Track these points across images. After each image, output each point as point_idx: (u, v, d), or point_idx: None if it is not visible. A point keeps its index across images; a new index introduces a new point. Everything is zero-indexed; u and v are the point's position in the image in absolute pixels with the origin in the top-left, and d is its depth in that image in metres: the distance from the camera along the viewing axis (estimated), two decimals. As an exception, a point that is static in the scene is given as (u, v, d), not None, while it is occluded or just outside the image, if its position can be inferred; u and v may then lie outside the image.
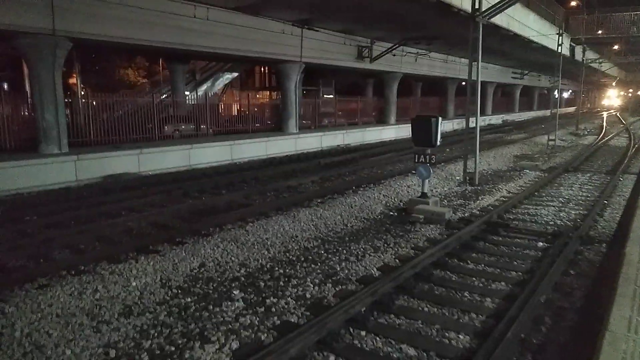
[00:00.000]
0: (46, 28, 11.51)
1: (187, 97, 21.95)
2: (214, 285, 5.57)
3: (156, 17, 13.51)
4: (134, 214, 8.81)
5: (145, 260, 6.21)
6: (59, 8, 11.61)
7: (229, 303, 5.08)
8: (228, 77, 29.27)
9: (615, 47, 42.33)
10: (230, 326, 4.56)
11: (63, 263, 6.21)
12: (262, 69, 37.12)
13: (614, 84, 69.16)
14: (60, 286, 5.42)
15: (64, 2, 11.66)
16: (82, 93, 19.59)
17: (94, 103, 15.08)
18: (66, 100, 13.69)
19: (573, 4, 33.65)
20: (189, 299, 5.19)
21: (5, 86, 22.33)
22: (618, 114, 55.16)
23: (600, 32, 34.06)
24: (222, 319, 4.73)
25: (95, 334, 4.42)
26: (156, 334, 4.42)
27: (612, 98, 78.77)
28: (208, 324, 4.62)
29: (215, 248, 6.81)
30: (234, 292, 5.37)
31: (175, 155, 14.54)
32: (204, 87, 26.86)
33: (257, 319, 4.71)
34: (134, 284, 5.55)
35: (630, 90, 77.24)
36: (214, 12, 15.00)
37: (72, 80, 23.27)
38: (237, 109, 22.00)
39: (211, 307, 4.99)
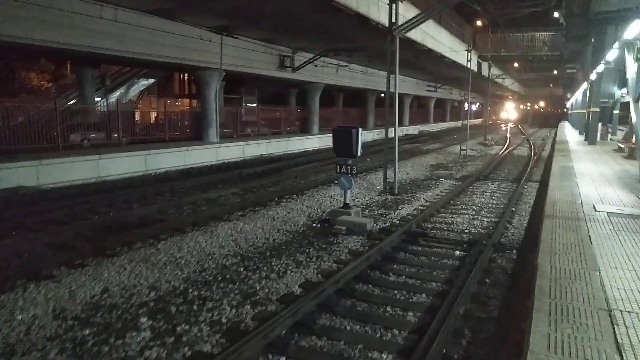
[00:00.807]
0: None
1: (97, 104, 20.42)
2: (118, 314, 5.00)
3: (59, 16, 12.35)
4: (27, 234, 7.83)
5: (36, 288, 5.45)
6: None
7: (134, 333, 4.56)
8: (144, 83, 27.84)
9: (516, 64, 46.32)
10: (133, 361, 4.07)
11: None
12: (182, 76, 35.77)
13: (515, 97, 75.65)
14: None
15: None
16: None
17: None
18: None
19: (480, 23, 36.30)
20: (87, 332, 4.59)
21: None
22: (519, 126, 60.25)
23: (503, 50, 37.16)
24: (124, 353, 4.21)
25: (-35, 383, 3.74)
26: (43, 378, 3.82)
27: (514, 111, 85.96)
28: (108, 360, 4.09)
29: (121, 270, 6.17)
30: (141, 320, 4.85)
31: (83, 166, 13.33)
32: (117, 93, 25.23)
33: (166, 350, 4.26)
34: (19, 317, 4.81)
35: (529, 104, 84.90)
36: (124, 14, 14.06)
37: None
38: (154, 117, 20.87)
39: (112, 339, 4.44)
